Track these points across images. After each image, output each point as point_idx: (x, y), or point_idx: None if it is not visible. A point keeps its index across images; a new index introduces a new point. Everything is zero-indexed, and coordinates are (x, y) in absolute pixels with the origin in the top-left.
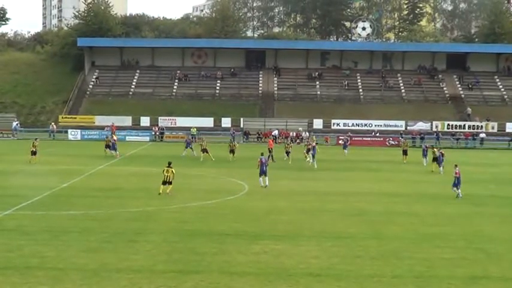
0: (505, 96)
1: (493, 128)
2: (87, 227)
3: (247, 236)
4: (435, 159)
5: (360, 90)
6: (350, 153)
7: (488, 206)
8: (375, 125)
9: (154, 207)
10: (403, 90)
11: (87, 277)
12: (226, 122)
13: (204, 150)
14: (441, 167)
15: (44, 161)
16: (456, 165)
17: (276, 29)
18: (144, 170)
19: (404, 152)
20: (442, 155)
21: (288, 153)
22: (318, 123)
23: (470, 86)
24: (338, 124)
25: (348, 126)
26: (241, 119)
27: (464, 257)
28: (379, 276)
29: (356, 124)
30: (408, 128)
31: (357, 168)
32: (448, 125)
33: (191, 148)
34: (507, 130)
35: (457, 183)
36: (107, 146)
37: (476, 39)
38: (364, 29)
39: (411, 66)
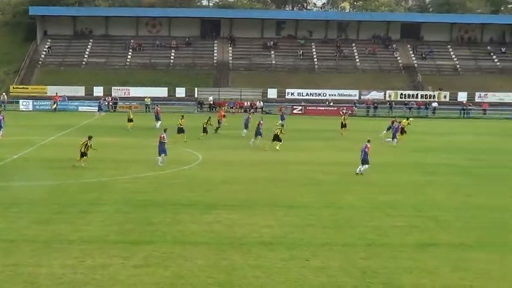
0: (458, 66)
1: (445, 97)
2: (39, 199)
3: (200, 206)
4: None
5: (315, 59)
6: (305, 122)
7: (439, 175)
8: (329, 95)
9: (108, 177)
10: (357, 60)
11: (38, 248)
12: (180, 91)
13: (130, 120)
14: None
15: None
16: (369, 141)
17: None
18: (97, 141)
19: (343, 125)
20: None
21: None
22: (272, 93)
23: (423, 55)
24: (292, 94)
25: (303, 95)
26: (196, 89)
27: (414, 225)
28: (331, 245)
29: (310, 94)
30: (362, 97)
31: (312, 137)
32: (401, 94)
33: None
34: (459, 99)
35: (363, 160)
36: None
37: (431, 9)
38: None
39: (366, 36)
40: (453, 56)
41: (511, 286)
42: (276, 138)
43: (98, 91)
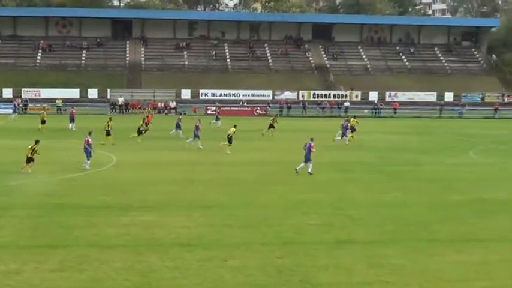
0: (368, 66)
1: (356, 96)
2: None
3: (116, 208)
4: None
5: (228, 60)
6: (222, 122)
7: (354, 173)
8: (243, 95)
9: (19, 181)
10: (270, 60)
11: None
12: (92, 93)
13: (43, 122)
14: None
15: None
16: (312, 139)
17: None
18: (7, 144)
19: (271, 126)
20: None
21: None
22: (186, 94)
23: (335, 55)
24: (206, 94)
25: (216, 96)
26: (108, 90)
27: (330, 222)
28: (248, 244)
29: (224, 94)
30: (275, 97)
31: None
32: (314, 94)
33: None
34: (370, 99)
35: (307, 158)
36: None
37: (341, 10)
38: None
39: (278, 37)
40: (364, 56)
41: (422, 280)
42: (229, 140)
43: (7, 93)
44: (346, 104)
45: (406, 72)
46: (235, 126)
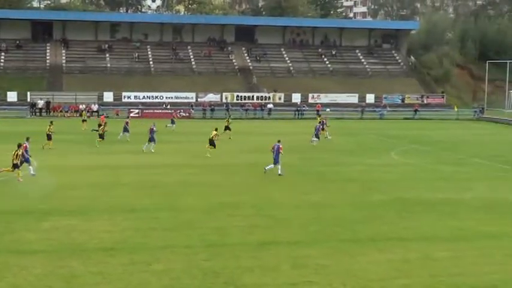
0: (291, 68)
1: (280, 98)
2: None
3: (36, 213)
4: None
5: (151, 62)
6: (142, 125)
7: (276, 175)
8: (166, 97)
9: None
10: (193, 63)
11: None
12: (12, 96)
13: None
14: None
15: None
16: (279, 141)
17: (64, 0)
18: None
19: (227, 128)
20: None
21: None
22: (108, 96)
23: (258, 58)
24: (129, 97)
25: (139, 98)
26: (28, 93)
27: (255, 224)
28: (173, 247)
29: (147, 96)
30: (199, 99)
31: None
32: (238, 96)
33: None
34: (293, 101)
35: (275, 159)
36: None
37: (264, 13)
38: (153, 1)
39: (201, 39)
40: (286, 59)
41: (346, 279)
42: (211, 143)
43: None
44: (270, 106)
45: (328, 74)
46: (216, 129)
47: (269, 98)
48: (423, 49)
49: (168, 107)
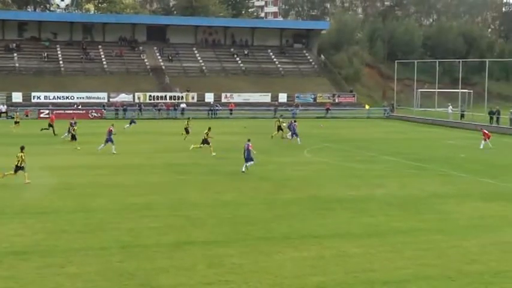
0: (204, 68)
1: (193, 98)
2: None
3: None
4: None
5: (61, 62)
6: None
7: (191, 174)
8: (77, 98)
9: None
10: (104, 62)
11: None
12: None
13: None
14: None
15: None
16: (249, 140)
17: None
18: None
19: (186, 131)
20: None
21: None
22: (17, 97)
23: (170, 57)
24: (39, 97)
25: (50, 99)
26: None
27: (170, 224)
28: (86, 249)
29: (58, 97)
30: (111, 99)
31: (58, 141)
32: (150, 96)
33: None
34: (206, 100)
35: (247, 158)
36: None
37: (175, 12)
38: None
39: (112, 38)
40: (199, 58)
41: (261, 278)
42: (205, 141)
43: None
44: (183, 105)
45: (240, 74)
46: (209, 129)
47: (182, 97)
48: (334, 49)
49: (80, 107)
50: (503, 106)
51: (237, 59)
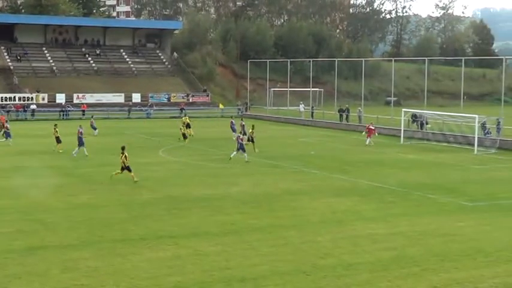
0: (54, 68)
1: (43, 99)
2: None
3: None
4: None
5: None
6: None
7: (43, 177)
8: None
9: None
10: None
11: None
12: None
13: None
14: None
15: None
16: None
17: None
18: None
19: (57, 139)
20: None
21: None
22: None
23: (18, 57)
24: None
25: None
26: None
27: (21, 229)
28: None
29: None
30: None
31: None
32: None
33: None
34: (57, 101)
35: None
36: None
37: (23, 10)
38: None
39: None
40: (49, 58)
41: (118, 280)
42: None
43: None
44: (33, 106)
45: (93, 74)
46: (253, 127)
47: (32, 98)
48: (187, 48)
49: None
50: (352, 104)
51: (89, 59)
